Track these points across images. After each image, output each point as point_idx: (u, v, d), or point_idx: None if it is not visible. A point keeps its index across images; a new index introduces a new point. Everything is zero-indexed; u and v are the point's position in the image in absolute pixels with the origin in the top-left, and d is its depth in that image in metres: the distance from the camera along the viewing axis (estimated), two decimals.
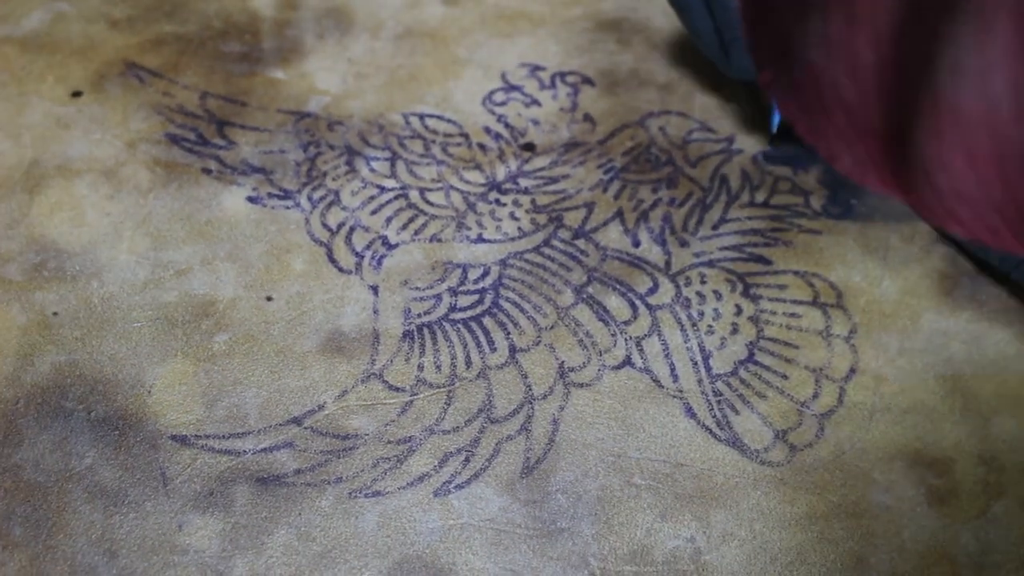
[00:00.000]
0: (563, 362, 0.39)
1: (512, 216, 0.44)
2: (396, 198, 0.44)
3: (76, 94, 0.48)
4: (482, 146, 0.46)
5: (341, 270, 0.41)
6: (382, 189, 0.44)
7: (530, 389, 0.38)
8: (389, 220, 0.43)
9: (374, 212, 0.43)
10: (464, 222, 0.43)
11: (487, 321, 0.40)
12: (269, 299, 0.40)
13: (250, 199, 0.44)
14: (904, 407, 0.38)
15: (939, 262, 0.42)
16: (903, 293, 0.41)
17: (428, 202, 0.44)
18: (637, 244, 0.43)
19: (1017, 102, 0.18)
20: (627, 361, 0.39)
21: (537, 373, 0.38)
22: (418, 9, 0.53)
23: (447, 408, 0.37)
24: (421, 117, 0.48)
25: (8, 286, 0.40)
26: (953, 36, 0.19)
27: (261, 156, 0.45)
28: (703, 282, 0.41)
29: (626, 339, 0.39)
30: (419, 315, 0.40)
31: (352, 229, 0.43)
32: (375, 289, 0.41)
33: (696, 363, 0.39)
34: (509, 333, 0.39)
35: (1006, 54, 0.18)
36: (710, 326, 0.40)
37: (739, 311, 0.40)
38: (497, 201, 0.44)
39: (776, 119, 0.46)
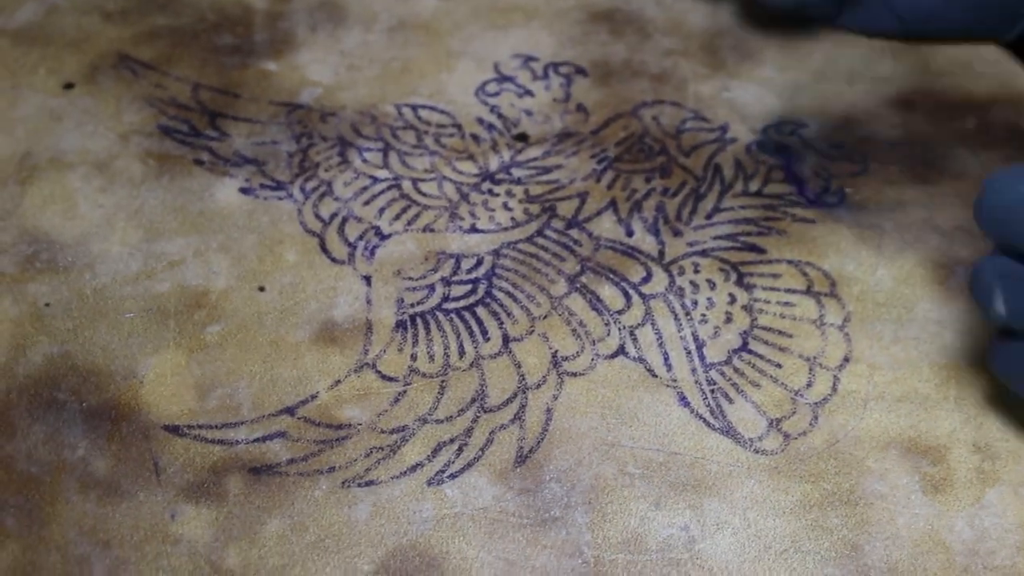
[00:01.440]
0: (556, 351, 0.39)
1: (505, 206, 0.43)
2: (389, 188, 0.44)
3: (69, 86, 0.48)
4: (475, 136, 0.46)
5: (334, 260, 0.41)
6: (375, 180, 0.44)
7: (523, 378, 0.38)
8: (382, 210, 0.43)
9: (367, 203, 0.43)
10: (457, 212, 0.43)
11: (480, 311, 0.40)
12: (262, 289, 0.40)
13: (243, 190, 0.44)
14: (898, 395, 0.38)
15: (933, 251, 0.42)
16: (897, 282, 0.41)
17: (421, 192, 0.44)
18: (630, 234, 0.43)
19: None
20: (621, 350, 0.39)
21: (530, 363, 0.38)
22: (412, 1, 0.53)
23: (440, 397, 0.37)
24: (414, 108, 0.47)
25: (0, 278, 0.40)
26: None
27: (254, 147, 0.45)
28: (696, 271, 0.41)
29: (619, 328, 0.39)
30: (412, 305, 0.40)
31: (345, 220, 0.43)
32: (368, 279, 0.41)
33: (690, 352, 0.39)
34: (502, 323, 0.39)
35: None
36: (704, 315, 0.40)
37: (733, 300, 0.40)
38: (490, 191, 0.44)
39: None
